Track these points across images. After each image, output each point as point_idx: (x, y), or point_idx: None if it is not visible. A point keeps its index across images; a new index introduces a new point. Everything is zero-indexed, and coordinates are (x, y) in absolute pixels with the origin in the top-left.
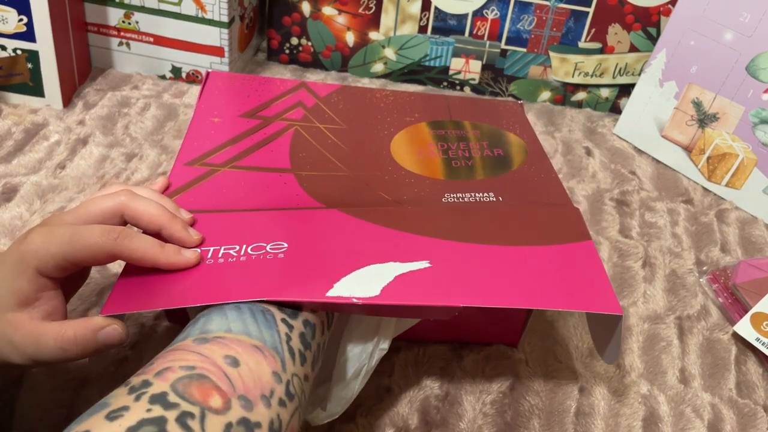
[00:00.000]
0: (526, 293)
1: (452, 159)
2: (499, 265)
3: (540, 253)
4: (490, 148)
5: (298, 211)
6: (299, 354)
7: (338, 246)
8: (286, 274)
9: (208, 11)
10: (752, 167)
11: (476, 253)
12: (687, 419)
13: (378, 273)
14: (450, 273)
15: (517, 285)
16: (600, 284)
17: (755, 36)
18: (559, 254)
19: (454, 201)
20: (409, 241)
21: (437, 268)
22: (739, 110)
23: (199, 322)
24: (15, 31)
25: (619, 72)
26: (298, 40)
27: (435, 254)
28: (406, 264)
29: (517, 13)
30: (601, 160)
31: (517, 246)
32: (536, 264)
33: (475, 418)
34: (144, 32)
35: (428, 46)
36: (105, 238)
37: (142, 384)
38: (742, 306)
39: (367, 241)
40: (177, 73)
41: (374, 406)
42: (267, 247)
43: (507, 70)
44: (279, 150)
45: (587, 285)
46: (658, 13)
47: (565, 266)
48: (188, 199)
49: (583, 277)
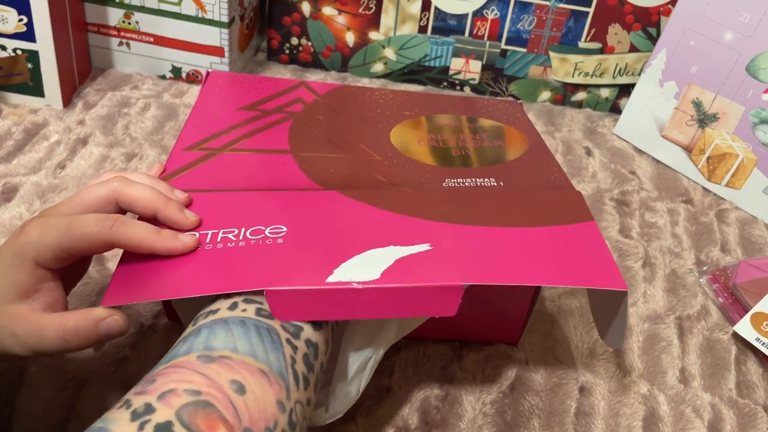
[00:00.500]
0: (528, 271)
1: (452, 148)
2: (502, 245)
3: (543, 234)
4: (491, 140)
5: (297, 192)
6: (303, 378)
7: (337, 230)
8: (285, 260)
9: (208, 11)
10: (752, 167)
11: (478, 235)
12: (687, 419)
13: (378, 257)
14: (451, 254)
15: (519, 263)
16: (604, 262)
17: (755, 36)
18: (562, 234)
19: (454, 185)
20: (409, 224)
21: (438, 250)
22: (739, 110)
23: (202, 333)
24: (15, 31)
25: (619, 72)
26: (298, 40)
27: (436, 237)
28: (406, 247)
29: (517, 13)
30: (601, 160)
31: (519, 227)
32: (539, 243)
33: (475, 418)
34: (144, 32)
35: (428, 46)
36: (100, 227)
37: (145, 409)
38: (742, 306)
39: (366, 224)
40: (177, 73)
41: (374, 406)
42: (266, 230)
43: (507, 70)
44: (278, 134)
45: (591, 263)
46: (658, 13)
47: (568, 245)
48: (185, 180)
49: (586, 255)
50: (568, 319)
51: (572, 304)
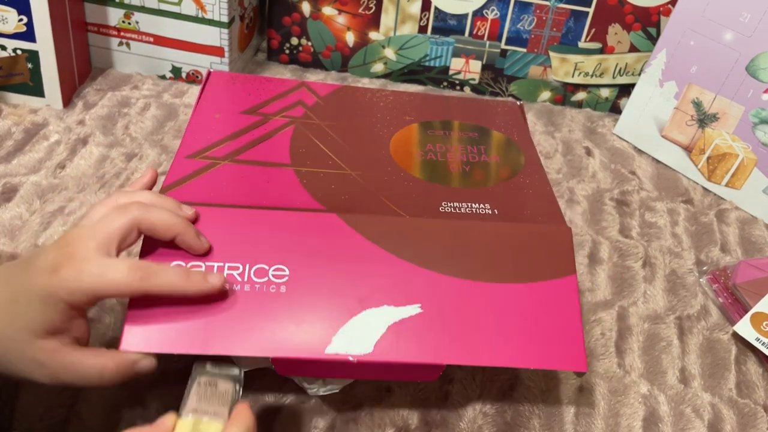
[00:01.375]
0: (503, 351)
1: (450, 163)
2: (485, 312)
3: (524, 294)
4: (488, 154)
5: (298, 214)
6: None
7: (337, 278)
8: (289, 319)
9: (208, 11)
10: (752, 167)
11: (465, 294)
12: (687, 419)
13: (373, 322)
14: (438, 322)
15: (496, 341)
16: (573, 338)
17: (755, 36)
18: (542, 294)
19: (451, 211)
20: (404, 273)
21: (427, 313)
22: (739, 110)
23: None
24: (15, 31)
25: (619, 72)
26: (298, 40)
27: (427, 295)
28: (398, 309)
29: (517, 13)
30: (601, 160)
31: (504, 283)
32: (519, 309)
33: (476, 418)
34: (144, 32)
35: (428, 46)
36: (131, 278)
37: None
38: (742, 306)
39: (365, 270)
40: (177, 73)
41: (374, 406)
42: (269, 272)
43: (507, 70)
44: (279, 145)
45: (561, 338)
46: (658, 13)
47: (545, 312)
48: (187, 191)
49: (559, 328)
50: None
51: None
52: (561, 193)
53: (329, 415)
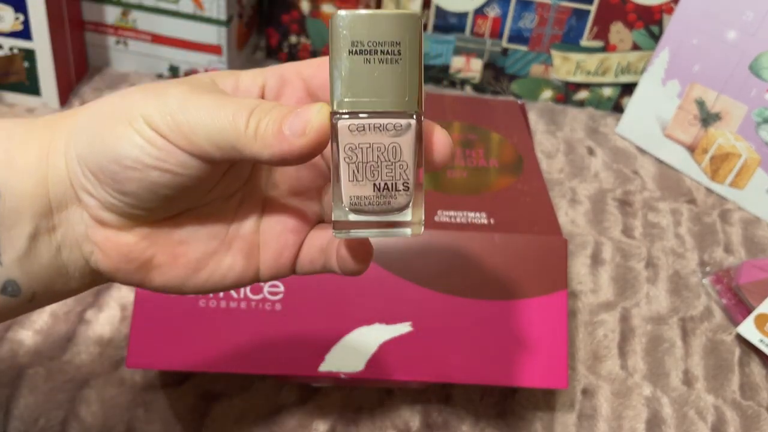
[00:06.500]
0: (490, 370)
1: (447, 168)
2: (474, 330)
3: (514, 311)
4: (486, 158)
5: None
6: None
7: (330, 297)
8: (284, 337)
9: (206, 9)
10: (756, 167)
11: (455, 311)
12: (690, 421)
13: (365, 340)
14: (427, 340)
15: (484, 358)
16: (557, 356)
17: (758, 35)
18: (531, 312)
19: (446, 221)
20: (397, 291)
21: (417, 332)
22: (742, 109)
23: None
24: (11, 30)
25: (622, 71)
26: (296, 38)
27: (417, 312)
28: (390, 327)
29: (519, 11)
30: (603, 159)
31: (494, 300)
32: (508, 327)
33: (477, 421)
34: (141, 30)
35: (429, 44)
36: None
37: None
38: (745, 307)
39: (358, 288)
40: (175, 72)
41: (375, 408)
42: (264, 290)
43: (508, 69)
44: None
45: (546, 355)
46: (661, 12)
47: (532, 329)
48: None
49: (546, 345)
50: (569, 320)
51: (573, 306)
52: (563, 193)
53: (330, 418)
